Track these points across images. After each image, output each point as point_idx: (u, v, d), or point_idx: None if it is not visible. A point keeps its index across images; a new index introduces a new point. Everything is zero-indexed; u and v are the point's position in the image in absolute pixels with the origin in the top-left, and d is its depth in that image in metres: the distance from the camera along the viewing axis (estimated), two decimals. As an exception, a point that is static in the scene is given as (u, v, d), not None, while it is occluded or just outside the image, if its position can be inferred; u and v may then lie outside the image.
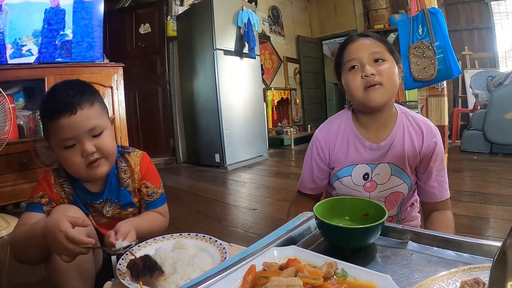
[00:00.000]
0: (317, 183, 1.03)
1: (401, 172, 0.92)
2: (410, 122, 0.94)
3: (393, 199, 0.95)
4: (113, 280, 0.70)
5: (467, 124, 4.30)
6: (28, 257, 0.79)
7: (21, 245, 0.77)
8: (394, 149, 0.91)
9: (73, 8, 2.57)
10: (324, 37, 6.55)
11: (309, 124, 5.82)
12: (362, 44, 0.89)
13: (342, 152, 0.96)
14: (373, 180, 0.94)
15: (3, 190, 2.21)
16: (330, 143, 0.98)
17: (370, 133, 0.94)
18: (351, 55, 0.89)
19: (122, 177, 0.96)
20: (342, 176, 0.97)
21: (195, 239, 0.82)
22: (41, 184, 0.90)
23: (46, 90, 2.42)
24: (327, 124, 1.02)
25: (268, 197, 2.55)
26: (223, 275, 0.50)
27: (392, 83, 0.88)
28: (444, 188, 0.93)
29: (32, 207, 0.86)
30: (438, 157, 0.91)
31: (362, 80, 0.87)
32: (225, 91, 3.64)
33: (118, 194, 0.95)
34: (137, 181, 0.98)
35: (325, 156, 0.99)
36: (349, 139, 0.96)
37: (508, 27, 4.67)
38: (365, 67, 0.86)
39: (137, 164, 0.98)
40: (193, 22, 3.73)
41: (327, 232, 0.62)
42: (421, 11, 2.07)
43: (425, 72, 2.10)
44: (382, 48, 0.88)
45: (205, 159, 3.83)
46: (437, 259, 0.56)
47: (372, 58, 0.87)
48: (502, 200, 1.98)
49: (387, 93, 0.87)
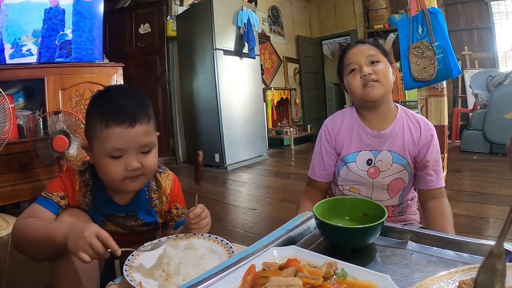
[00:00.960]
0: (327, 168, 1.11)
1: (401, 160, 1.01)
2: (409, 117, 1.04)
3: (396, 186, 1.02)
4: (115, 281, 0.70)
5: (467, 124, 4.31)
6: (33, 251, 0.75)
7: (30, 237, 0.73)
8: (394, 139, 1.02)
9: (73, 8, 2.57)
10: (324, 37, 6.55)
11: (308, 124, 5.82)
12: (359, 50, 1.02)
13: (347, 138, 1.07)
14: (376, 166, 1.02)
15: (3, 190, 2.21)
16: (336, 129, 1.09)
17: (372, 124, 1.05)
18: (350, 60, 1.02)
19: (151, 197, 0.94)
20: (348, 161, 1.05)
21: (207, 239, 0.82)
22: (64, 185, 0.85)
23: (46, 90, 2.44)
24: (334, 115, 1.15)
25: (268, 197, 2.55)
26: (222, 275, 0.50)
27: (387, 79, 0.99)
28: (439, 177, 1.01)
29: (48, 204, 0.81)
30: (435, 149, 1.01)
31: (361, 80, 0.99)
32: (225, 91, 3.64)
33: (144, 212, 0.94)
34: (165, 204, 0.97)
35: (331, 141, 1.10)
36: (353, 127, 1.07)
37: (507, 27, 4.68)
38: (363, 68, 0.99)
39: (167, 187, 0.97)
40: (193, 22, 3.73)
41: (327, 232, 0.62)
42: (421, 11, 2.07)
43: (424, 72, 2.10)
44: (376, 52, 1.01)
45: (205, 159, 3.77)
46: (437, 259, 0.56)
47: (368, 60, 0.99)
48: (501, 200, 1.98)
49: (383, 88, 0.99)
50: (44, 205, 0.80)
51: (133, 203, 0.91)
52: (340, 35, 6.16)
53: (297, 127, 5.64)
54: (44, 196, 0.82)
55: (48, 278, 0.79)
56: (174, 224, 1.00)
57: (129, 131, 0.76)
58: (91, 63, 2.69)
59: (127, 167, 0.78)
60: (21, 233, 0.75)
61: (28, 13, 2.40)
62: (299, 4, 6.34)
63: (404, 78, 2.23)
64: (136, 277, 0.66)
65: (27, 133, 2.36)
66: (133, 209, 0.91)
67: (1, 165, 2.21)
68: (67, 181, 0.85)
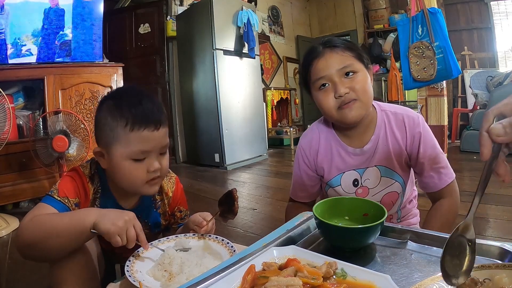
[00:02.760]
0: (309, 190, 1.02)
1: (390, 172, 0.91)
2: (390, 118, 0.91)
3: (389, 200, 0.94)
4: (115, 282, 0.70)
5: (467, 124, 4.31)
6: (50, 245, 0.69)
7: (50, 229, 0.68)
8: (379, 151, 0.90)
9: (73, 8, 2.57)
10: (323, 37, 6.49)
11: (308, 124, 5.82)
12: (329, 60, 0.84)
13: (327, 160, 0.95)
14: (364, 185, 0.93)
15: (3, 190, 2.21)
16: (314, 151, 0.97)
17: (352, 139, 0.92)
18: (319, 73, 0.84)
19: (155, 199, 0.94)
20: (333, 186, 0.96)
21: (208, 239, 0.82)
22: (79, 191, 0.81)
23: (46, 90, 2.44)
24: (309, 132, 1.00)
25: (268, 197, 2.55)
26: (222, 275, 0.50)
27: (367, 94, 0.84)
28: (443, 174, 0.89)
29: (60, 207, 0.76)
30: (427, 146, 0.88)
31: (335, 100, 0.83)
32: (224, 91, 3.64)
33: (149, 214, 0.94)
34: (168, 206, 0.97)
35: (311, 164, 0.98)
36: (332, 146, 0.94)
37: (507, 27, 4.68)
38: (337, 86, 0.82)
39: (170, 190, 0.97)
40: (192, 22, 3.73)
41: (327, 232, 0.62)
42: (421, 11, 2.08)
43: (424, 72, 2.10)
44: (350, 59, 0.84)
45: (205, 159, 3.83)
46: (437, 258, 0.55)
47: (343, 72, 0.83)
48: (501, 200, 1.98)
49: (363, 107, 0.84)
50: (55, 206, 0.76)
51: (139, 206, 0.90)
52: (340, 35, 6.14)
53: (297, 127, 5.63)
54: (55, 198, 0.77)
55: (47, 279, 0.78)
56: (177, 226, 1.00)
57: (155, 134, 0.77)
58: (91, 63, 2.69)
59: (149, 169, 0.78)
60: (37, 228, 0.69)
61: (28, 13, 2.40)
62: (299, 4, 6.34)
63: (404, 78, 2.24)
64: (138, 277, 0.66)
65: (27, 133, 2.36)
66: (139, 212, 0.88)
67: (1, 165, 2.21)
68: (81, 187, 0.82)
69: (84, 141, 2.27)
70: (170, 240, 0.81)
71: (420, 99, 2.35)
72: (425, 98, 2.31)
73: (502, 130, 0.39)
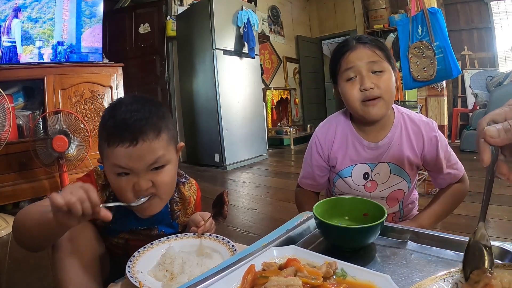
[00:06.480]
0: (317, 180, 1.04)
1: (400, 171, 0.94)
2: (407, 122, 0.96)
3: (395, 197, 0.97)
4: (116, 282, 0.70)
5: (467, 124, 4.31)
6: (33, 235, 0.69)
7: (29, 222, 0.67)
8: (392, 149, 0.93)
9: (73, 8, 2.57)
10: (323, 37, 6.55)
11: (308, 124, 5.82)
12: (360, 53, 0.88)
13: (342, 150, 0.97)
14: (373, 179, 0.96)
15: (3, 190, 2.21)
16: (329, 141, 0.99)
17: (368, 134, 0.96)
18: (349, 64, 0.89)
19: (174, 209, 0.89)
20: (343, 176, 0.98)
21: (209, 239, 0.82)
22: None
23: (46, 90, 2.44)
24: (327, 123, 1.04)
25: (268, 197, 2.55)
26: (222, 275, 0.50)
27: (390, 94, 0.89)
28: (457, 170, 0.96)
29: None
30: (443, 147, 0.94)
31: (360, 93, 0.87)
32: (224, 91, 3.64)
33: (166, 224, 0.89)
34: (189, 215, 0.92)
35: (324, 154, 1.00)
36: (348, 138, 0.97)
37: (507, 27, 4.67)
38: (364, 79, 0.86)
39: (192, 199, 0.92)
40: (192, 22, 3.73)
41: (327, 232, 0.62)
42: (421, 11, 2.07)
43: (424, 72, 2.10)
44: (380, 57, 0.88)
45: (205, 159, 3.83)
46: (436, 258, 0.56)
47: (371, 68, 0.87)
48: (501, 200, 1.98)
49: (386, 106, 0.89)
50: None
51: (155, 216, 0.83)
52: (340, 35, 6.15)
53: (296, 127, 5.64)
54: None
55: (47, 279, 0.78)
56: None
57: (130, 151, 0.69)
58: (91, 63, 2.69)
59: (135, 187, 0.72)
60: (22, 216, 0.70)
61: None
62: (299, 4, 6.34)
63: (404, 78, 2.24)
64: (139, 277, 0.66)
65: (27, 133, 2.36)
66: (154, 222, 0.86)
67: (1, 165, 2.21)
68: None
69: (84, 141, 2.27)
70: (170, 240, 0.81)
71: (420, 99, 2.35)
72: (425, 98, 2.31)
73: (496, 132, 0.40)
